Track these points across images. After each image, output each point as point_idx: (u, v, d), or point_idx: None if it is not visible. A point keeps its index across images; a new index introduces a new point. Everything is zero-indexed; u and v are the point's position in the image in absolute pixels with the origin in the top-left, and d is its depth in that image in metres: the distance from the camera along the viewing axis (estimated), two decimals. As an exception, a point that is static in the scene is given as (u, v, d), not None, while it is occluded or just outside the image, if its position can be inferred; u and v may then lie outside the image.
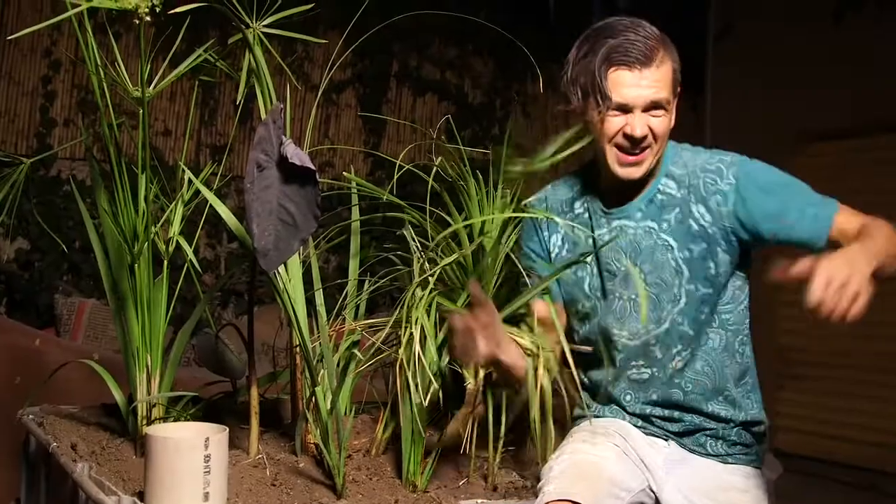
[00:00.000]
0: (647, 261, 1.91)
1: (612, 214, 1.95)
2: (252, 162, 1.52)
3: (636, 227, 1.93)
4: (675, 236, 1.89)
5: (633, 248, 1.92)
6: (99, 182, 1.94)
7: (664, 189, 1.92)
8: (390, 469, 1.89)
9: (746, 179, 1.85)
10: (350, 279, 2.11)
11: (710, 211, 1.87)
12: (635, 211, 1.93)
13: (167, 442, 1.47)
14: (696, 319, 1.90)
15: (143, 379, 1.89)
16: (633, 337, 1.93)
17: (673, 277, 1.89)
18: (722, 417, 1.93)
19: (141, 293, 1.86)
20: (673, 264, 1.89)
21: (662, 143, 1.87)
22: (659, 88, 1.81)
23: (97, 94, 1.81)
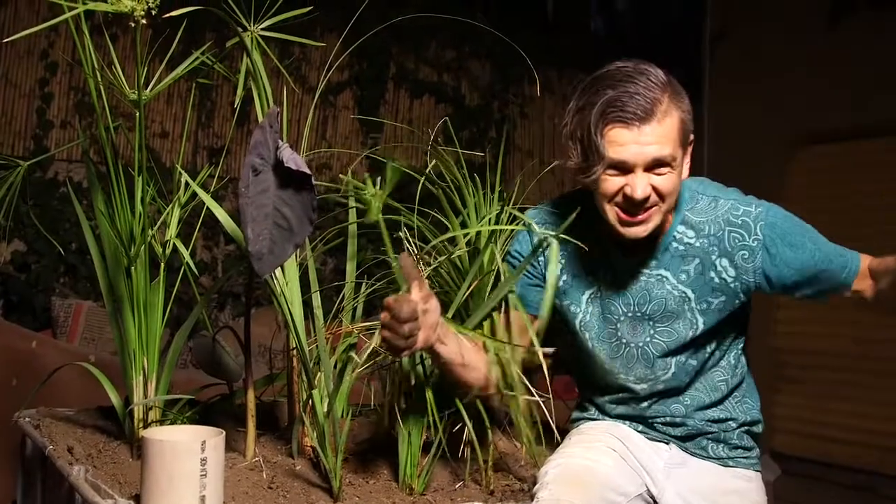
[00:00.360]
0: (658, 309, 1.85)
1: (625, 262, 1.87)
2: (248, 166, 1.52)
3: (648, 274, 1.86)
4: (694, 288, 1.84)
5: (643, 296, 1.86)
6: (95, 184, 1.93)
7: (681, 238, 1.84)
8: (387, 472, 1.89)
9: (774, 234, 1.79)
10: (347, 281, 2.11)
11: (735, 266, 1.81)
12: (650, 259, 1.85)
13: (163, 445, 1.46)
14: (700, 353, 1.90)
15: (140, 381, 1.89)
16: (640, 381, 1.92)
17: (687, 329, 1.85)
18: (722, 419, 1.94)
19: (137, 296, 1.86)
20: (689, 315, 1.85)
21: (671, 200, 1.76)
22: (662, 145, 1.68)
23: (94, 96, 1.81)
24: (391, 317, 1.57)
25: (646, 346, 1.88)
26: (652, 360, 1.89)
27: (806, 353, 6.06)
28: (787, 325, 6.09)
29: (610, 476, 1.83)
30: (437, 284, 1.97)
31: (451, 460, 1.94)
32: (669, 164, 1.70)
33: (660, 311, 1.85)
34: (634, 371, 1.91)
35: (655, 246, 1.84)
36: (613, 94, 1.67)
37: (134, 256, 1.82)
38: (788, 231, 1.80)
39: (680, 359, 1.89)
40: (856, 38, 5.64)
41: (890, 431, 5.53)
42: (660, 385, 1.91)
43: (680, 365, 1.89)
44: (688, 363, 1.89)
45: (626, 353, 1.90)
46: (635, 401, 1.95)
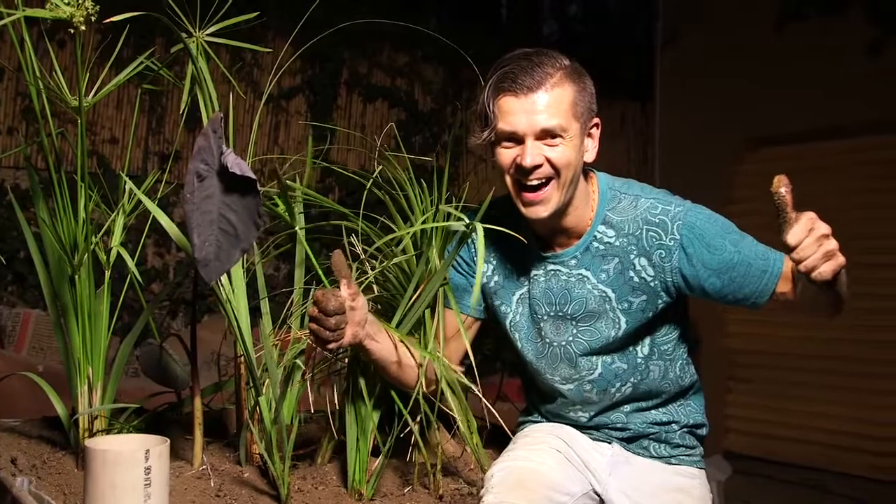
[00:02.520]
0: (580, 309, 1.87)
1: (547, 258, 1.90)
2: (192, 172, 1.51)
3: (569, 273, 1.87)
4: (614, 287, 1.84)
5: (564, 295, 1.88)
6: (38, 191, 1.91)
7: (601, 237, 1.85)
8: (335, 478, 1.89)
9: (691, 234, 1.79)
10: (296, 287, 2.10)
11: (653, 265, 1.81)
12: (570, 258, 1.87)
13: (106, 454, 1.45)
14: (629, 356, 1.90)
15: (85, 391, 1.87)
16: (565, 381, 1.93)
17: (609, 328, 1.86)
18: (664, 422, 1.96)
19: (82, 304, 1.84)
20: (611, 314, 1.85)
21: (568, 175, 1.76)
22: (550, 115, 1.72)
23: (36, 103, 1.79)
24: (319, 310, 1.63)
25: (568, 345, 1.89)
26: (574, 359, 1.90)
27: (757, 353, 6.14)
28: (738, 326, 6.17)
29: (554, 477, 1.84)
30: (385, 289, 1.97)
31: (401, 465, 1.95)
32: (560, 135, 1.73)
33: (581, 311, 1.87)
34: (559, 371, 1.92)
35: (576, 245, 1.86)
36: (507, 68, 1.74)
37: (78, 264, 1.80)
38: (707, 231, 1.79)
39: (606, 359, 1.89)
40: (804, 43, 5.74)
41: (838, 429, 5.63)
42: (586, 386, 1.91)
43: (606, 366, 1.89)
44: (616, 365, 1.90)
45: (550, 353, 1.92)
46: (570, 407, 1.97)
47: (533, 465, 1.84)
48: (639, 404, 1.96)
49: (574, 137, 1.75)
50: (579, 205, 1.84)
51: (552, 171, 1.75)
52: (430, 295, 1.88)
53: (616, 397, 1.93)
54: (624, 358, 1.90)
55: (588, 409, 1.96)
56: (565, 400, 1.96)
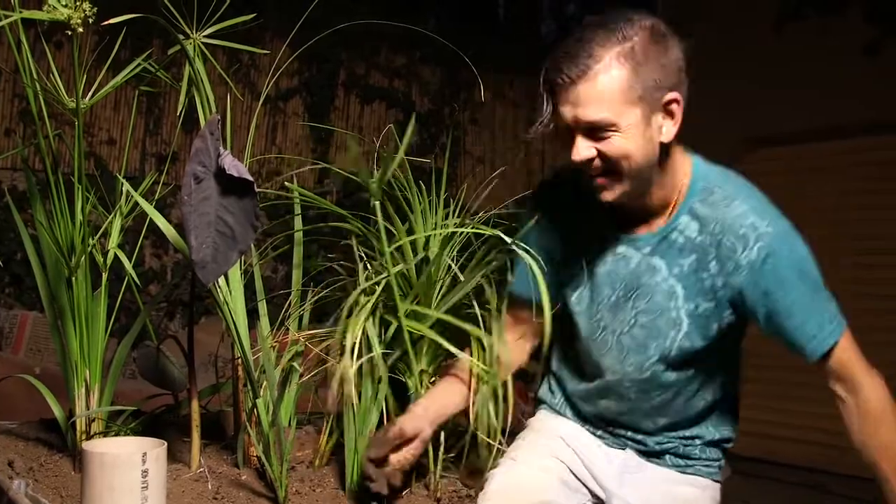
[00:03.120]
0: (643, 300, 1.73)
1: (619, 239, 1.75)
2: (189, 174, 1.51)
3: (640, 260, 1.73)
4: (685, 285, 1.70)
5: (631, 283, 1.74)
6: (35, 193, 1.90)
7: (684, 229, 1.69)
8: (333, 480, 1.88)
9: (767, 262, 1.62)
10: (293, 289, 2.10)
11: (724, 275, 1.66)
12: (644, 244, 1.73)
13: (104, 457, 1.44)
14: (682, 370, 1.77)
15: (82, 393, 1.86)
16: (610, 373, 1.82)
17: (668, 327, 1.72)
18: (688, 437, 1.88)
19: (79, 306, 1.83)
20: (673, 314, 1.71)
21: (629, 166, 1.60)
22: (595, 108, 1.55)
23: (33, 105, 1.78)
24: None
25: (622, 335, 1.77)
26: (625, 352, 1.77)
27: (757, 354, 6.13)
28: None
29: (549, 496, 1.81)
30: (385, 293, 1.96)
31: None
32: (609, 129, 1.57)
33: (645, 302, 1.73)
34: (606, 359, 1.80)
35: (654, 231, 1.72)
36: (558, 52, 1.59)
37: (75, 266, 1.80)
38: (783, 267, 1.63)
39: (657, 365, 1.76)
40: (802, 43, 5.73)
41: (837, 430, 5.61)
42: (627, 383, 1.79)
43: (655, 371, 1.77)
44: (666, 374, 1.77)
45: (602, 339, 1.80)
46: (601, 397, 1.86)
47: (529, 478, 1.81)
48: (671, 420, 1.85)
49: (633, 126, 1.57)
50: (663, 188, 1.69)
51: (605, 164, 1.60)
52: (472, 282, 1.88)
53: (652, 404, 1.82)
54: (675, 370, 1.77)
55: (618, 405, 1.84)
56: (600, 387, 1.84)
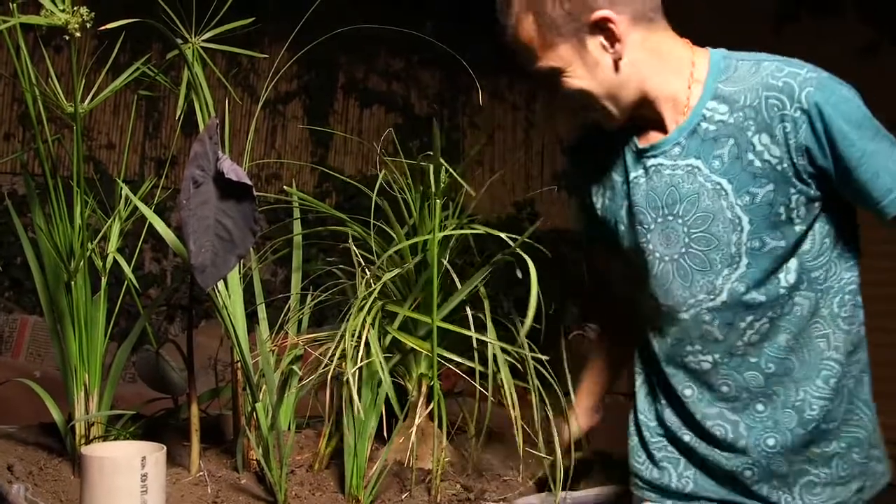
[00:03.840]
0: (690, 210, 1.54)
1: (646, 152, 1.60)
2: (188, 178, 1.51)
3: (674, 165, 1.56)
4: (730, 176, 1.50)
5: (670, 194, 1.56)
6: (34, 197, 1.91)
7: (711, 115, 1.53)
8: (333, 484, 1.88)
9: (822, 109, 1.43)
10: (293, 293, 2.10)
11: (777, 143, 1.46)
12: (671, 146, 1.57)
13: (103, 461, 1.45)
14: (765, 282, 1.53)
15: (82, 397, 1.86)
16: (680, 308, 1.60)
17: (728, 231, 1.51)
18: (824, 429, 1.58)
19: (78, 310, 1.83)
20: (728, 214, 1.51)
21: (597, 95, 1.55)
22: (529, 61, 1.56)
23: (31, 109, 1.79)
24: None
25: (681, 258, 1.57)
26: (690, 276, 1.57)
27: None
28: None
29: None
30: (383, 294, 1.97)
31: (400, 470, 1.94)
32: (554, 74, 1.55)
33: (693, 211, 1.54)
34: (672, 294, 1.60)
35: (678, 128, 1.57)
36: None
37: (74, 271, 1.80)
38: (844, 107, 1.45)
39: (735, 284, 1.54)
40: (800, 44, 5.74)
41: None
42: (705, 315, 1.57)
43: (734, 291, 1.54)
44: (749, 294, 1.53)
45: (662, 270, 1.60)
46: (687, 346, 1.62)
47: None
48: (783, 362, 1.56)
49: (570, 62, 1.54)
50: (666, 87, 1.57)
51: (586, 99, 1.57)
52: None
53: (747, 337, 1.56)
54: (759, 287, 1.53)
55: (710, 350, 1.60)
56: (680, 334, 1.62)
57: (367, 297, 1.85)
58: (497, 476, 2.02)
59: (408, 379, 2.01)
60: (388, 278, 1.88)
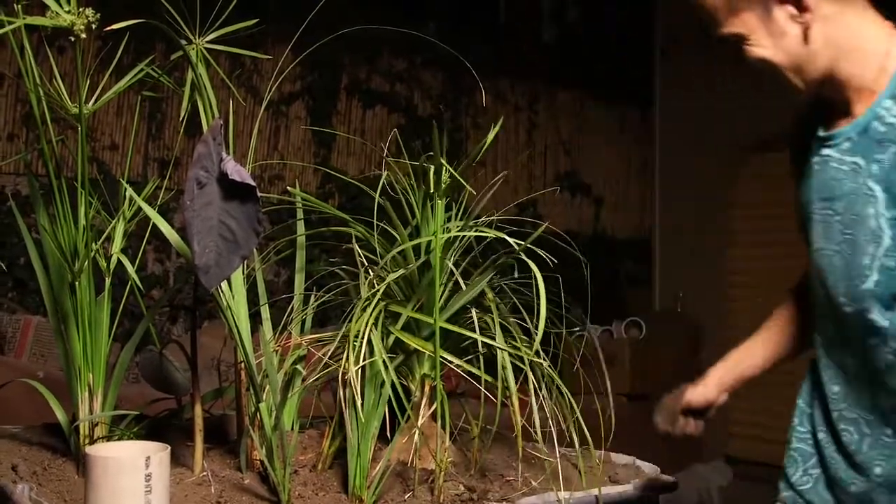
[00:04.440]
0: (848, 210, 1.48)
1: (822, 140, 1.55)
2: (192, 179, 1.52)
3: (840, 160, 1.50)
4: (885, 184, 1.41)
5: (832, 188, 1.51)
6: (38, 198, 1.91)
7: (885, 116, 1.44)
8: (336, 484, 1.89)
9: None
10: (296, 293, 2.11)
11: None
12: (843, 140, 1.51)
13: (107, 461, 1.45)
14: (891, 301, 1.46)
15: (86, 397, 1.87)
16: (833, 302, 1.55)
17: (867, 241, 1.44)
18: None
19: (82, 311, 1.84)
20: (872, 223, 1.43)
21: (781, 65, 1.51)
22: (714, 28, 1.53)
23: (35, 109, 1.79)
24: None
25: (835, 255, 1.51)
26: (836, 274, 1.52)
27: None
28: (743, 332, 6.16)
29: None
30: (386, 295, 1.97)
31: (403, 470, 1.95)
32: (739, 42, 1.52)
33: (847, 212, 1.48)
34: (826, 287, 1.55)
35: (853, 123, 1.50)
36: None
37: (78, 271, 1.80)
38: None
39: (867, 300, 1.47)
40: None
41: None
42: (866, 303, 1.48)
43: (867, 307, 1.47)
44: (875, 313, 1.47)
45: (819, 263, 1.57)
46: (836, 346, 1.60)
47: None
48: None
49: (755, 31, 1.50)
50: (854, 67, 1.49)
51: (776, 69, 1.53)
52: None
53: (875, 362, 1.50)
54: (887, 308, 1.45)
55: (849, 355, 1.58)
56: (833, 330, 1.61)
57: (371, 297, 1.85)
58: (500, 476, 2.02)
59: (411, 379, 2.02)
60: (391, 279, 1.88)
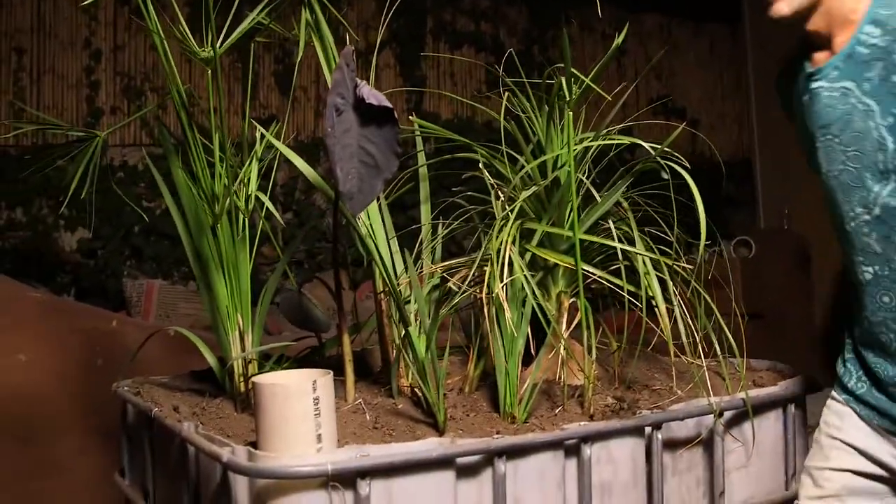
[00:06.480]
0: (844, 130, 1.62)
1: (811, 76, 1.68)
2: (330, 106, 1.53)
3: (831, 88, 1.64)
4: (878, 97, 1.56)
5: (827, 115, 1.65)
6: (171, 150, 1.96)
7: (867, 39, 1.58)
8: (486, 404, 1.91)
9: None
10: (423, 224, 2.12)
11: None
12: (831, 69, 1.64)
13: (275, 388, 1.49)
14: None
15: (236, 337, 1.92)
16: (844, 222, 1.69)
17: (875, 151, 1.58)
18: None
19: (226, 253, 1.88)
20: (874, 134, 1.57)
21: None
22: None
23: (161, 56, 1.82)
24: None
25: (840, 174, 1.66)
26: (849, 191, 1.65)
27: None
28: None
29: None
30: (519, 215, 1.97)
31: (547, 388, 1.96)
32: None
33: (847, 131, 1.62)
34: (839, 208, 1.69)
35: (838, 53, 1.63)
36: None
37: (219, 214, 1.85)
38: None
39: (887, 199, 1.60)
40: None
41: None
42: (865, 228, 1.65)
43: (886, 206, 1.60)
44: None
45: (829, 186, 1.70)
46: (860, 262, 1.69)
47: None
48: None
49: None
50: (834, 3, 1.62)
51: None
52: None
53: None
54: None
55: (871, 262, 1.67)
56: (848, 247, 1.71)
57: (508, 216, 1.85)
58: (645, 387, 2.02)
59: (546, 298, 2.02)
60: (524, 197, 1.88)
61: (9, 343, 3.13)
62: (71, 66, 4.99)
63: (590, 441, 1.73)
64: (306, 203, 5.28)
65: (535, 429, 1.75)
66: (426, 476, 1.56)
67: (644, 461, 1.82)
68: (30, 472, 3.01)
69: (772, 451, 2.01)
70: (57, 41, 4.92)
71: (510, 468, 1.64)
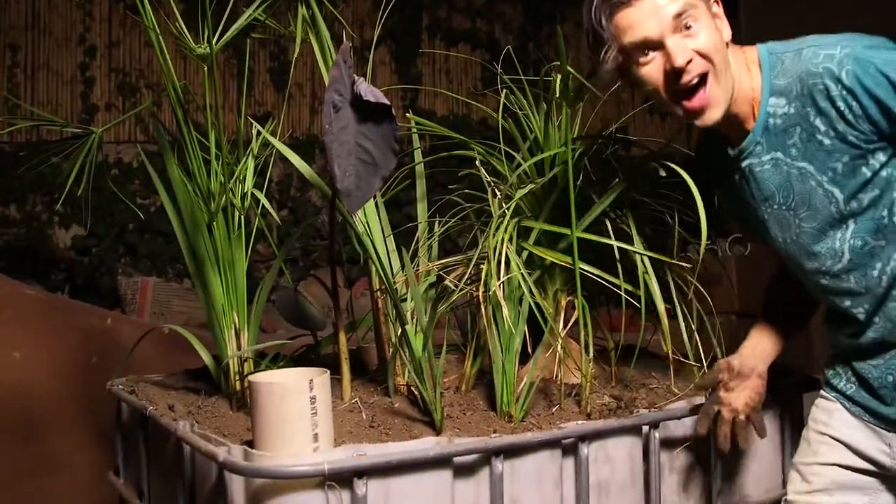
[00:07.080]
0: (788, 197, 1.67)
1: (738, 158, 1.72)
2: (328, 103, 1.52)
3: (761, 163, 1.69)
4: (809, 158, 1.62)
5: (766, 188, 1.70)
6: (167, 147, 1.95)
7: (774, 110, 1.65)
8: (482, 403, 1.90)
9: (865, 78, 1.52)
10: (420, 221, 2.11)
11: (837, 120, 1.56)
12: (753, 146, 1.69)
13: (272, 387, 1.48)
14: (876, 228, 1.63)
15: (232, 336, 1.91)
16: (816, 274, 1.72)
17: (826, 205, 1.63)
18: None
19: (221, 250, 1.87)
20: (820, 192, 1.63)
21: (719, 60, 1.59)
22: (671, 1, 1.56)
23: (158, 54, 1.81)
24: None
25: (799, 237, 1.70)
26: (810, 250, 1.69)
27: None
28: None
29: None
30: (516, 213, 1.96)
31: (545, 386, 1.95)
32: (691, 21, 1.57)
33: (791, 197, 1.67)
34: (808, 267, 1.72)
35: (753, 130, 1.68)
36: None
37: (215, 212, 1.84)
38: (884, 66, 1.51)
39: (850, 241, 1.64)
40: None
41: None
42: (843, 276, 1.68)
43: (855, 249, 1.65)
44: (866, 244, 1.64)
45: (789, 251, 1.74)
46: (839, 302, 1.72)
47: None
48: None
49: (705, 18, 1.59)
50: (740, 87, 1.66)
51: (704, 62, 1.58)
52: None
53: (885, 280, 1.66)
54: (870, 233, 1.64)
55: (858, 302, 1.70)
56: (830, 296, 1.74)
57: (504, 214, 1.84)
58: (643, 385, 2.02)
59: (543, 297, 2.01)
60: (521, 194, 1.87)
61: (3, 340, 3.11)
62: (66, 63, 4.97)
63: (587, 440, 1.72)
64: (301, 200, 5.28)
65: (532, 428, 1.74)
66: (423, 475, 1.55)
67: (641, 460, 1.81)
68: (29, 469, 3.00)
69: (768, 450, 2.01)
70: (51, 37, 4.91)
71: (507, 467, 1.64)
